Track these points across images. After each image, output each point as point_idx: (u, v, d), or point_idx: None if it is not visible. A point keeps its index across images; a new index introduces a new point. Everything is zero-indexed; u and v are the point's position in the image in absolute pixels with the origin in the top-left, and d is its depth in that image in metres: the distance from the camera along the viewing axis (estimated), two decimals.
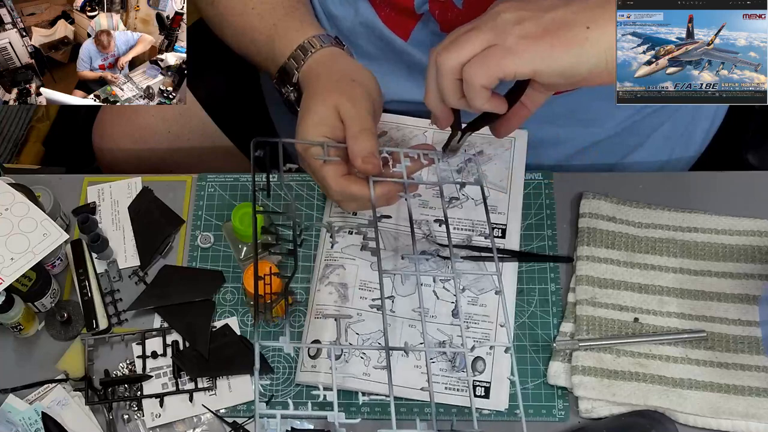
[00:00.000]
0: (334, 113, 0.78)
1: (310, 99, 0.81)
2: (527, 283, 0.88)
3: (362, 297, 0.86)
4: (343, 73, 0.82)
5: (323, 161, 0.78)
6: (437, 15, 0.86)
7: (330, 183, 0.78)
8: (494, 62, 0.67)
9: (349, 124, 0.78)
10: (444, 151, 0.82)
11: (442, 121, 0.77)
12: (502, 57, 0.67)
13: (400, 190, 0.80)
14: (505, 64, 0.67)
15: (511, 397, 0.83)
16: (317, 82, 0.82)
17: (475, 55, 0.68)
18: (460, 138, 0.79)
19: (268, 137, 0.77)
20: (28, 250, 0.84)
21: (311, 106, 0.80)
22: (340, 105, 0.78)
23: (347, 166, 0.79)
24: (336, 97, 0.79)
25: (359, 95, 0.79)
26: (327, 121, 0.78)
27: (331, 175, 0.78)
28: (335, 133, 0.79)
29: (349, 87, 0.80)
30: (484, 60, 0.68)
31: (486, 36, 0.68)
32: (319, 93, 0.80)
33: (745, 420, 0.80)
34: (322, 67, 0.84)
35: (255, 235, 0.76)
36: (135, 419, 0.84)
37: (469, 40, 0.69)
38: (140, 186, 0.95)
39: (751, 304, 0.85)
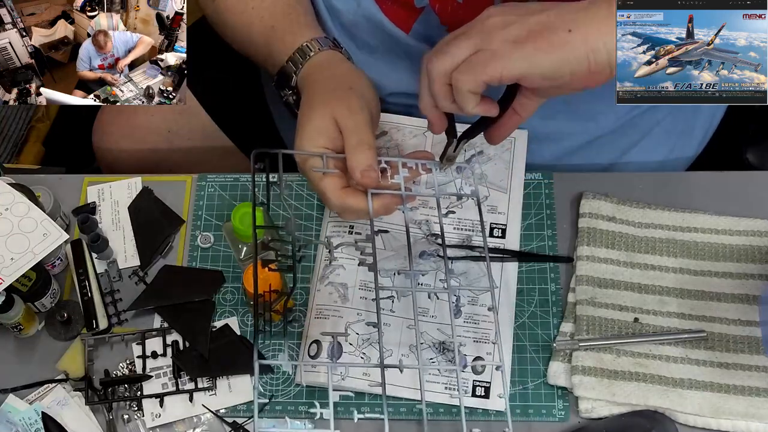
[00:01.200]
0: (332, 124, 0.79)
1: (308, 108, 0.81)
2: (527, 283, 0.88)
3: (362, 297, 0.86)
4: (341, 80, 0.82)
5: (323, 173, 0.78)
6: (437, 9, 0.86)
7: (329, 196, 0.79)
8: (480, 67, 0.68)
9: (347, 135, 0.78)
10: (441, 161, 0.82)
11: (436, 127, 0.78)
12: (488, 61, 0.68)
13: (398, 202, 0.80)
14: (491, 67, 0.68)
15: (511, 397, 0.83)
16: (315, 90, 0.82)
17: (463, 61, 0.69)
18: (456, 146, 0.80)
19: (269, 141, 0.77)
20: (28, 250, 0.84)
21: (310, 117, 0.80)
22: (338, 116, 0.78)
23: (346, 177, 0.79)
24: (334, 108, 0.79)
25: (357, 105, 0.80)
26: (325, 132, 0.79)
27: (330, 188, 0.78)
28: (334, 144, 0.79)
29: (347, 96, 0.80)
30: (470, 65, 0.69)
31: (473, 41, 0.70)
32: (317, 103, 0.80)
33: (745, 420, 0.80)
34: (319, 72, 0.84)
35: (255, 251, 0.75)
36: (135, 419, 0.84)
37: (457, 45, 0.70)
38: (140, 186, 0.95)
39: (751, 304, 0.85)
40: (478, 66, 0.68)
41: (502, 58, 0.67)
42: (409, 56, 0.92)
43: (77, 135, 1.27)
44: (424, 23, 0.89)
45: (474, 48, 0.69)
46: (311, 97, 0.81)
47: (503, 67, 0.68)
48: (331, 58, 0.85)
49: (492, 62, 0.68)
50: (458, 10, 0.85)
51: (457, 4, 0.85)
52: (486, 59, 0.68)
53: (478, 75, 0.68)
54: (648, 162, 1.00)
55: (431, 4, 0.86)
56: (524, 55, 0.67)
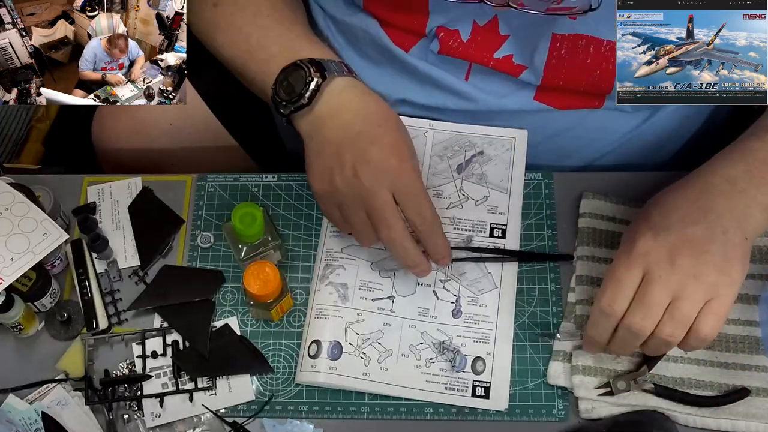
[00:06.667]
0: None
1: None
2: (527, 283, 0.88)
3: (362, 297, 0.86)
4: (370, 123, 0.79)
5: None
6: (441, 38, 0.86)
7: (410, 247, 0.79)
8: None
9: (412, 218, 0.78)
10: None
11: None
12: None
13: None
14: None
15: (511, 397, 0.83)
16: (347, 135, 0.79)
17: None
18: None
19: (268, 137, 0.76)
20: (28, 250, 0.84)
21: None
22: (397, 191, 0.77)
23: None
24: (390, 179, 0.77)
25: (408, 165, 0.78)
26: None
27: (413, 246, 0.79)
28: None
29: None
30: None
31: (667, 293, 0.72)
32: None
33: (745, 420, 0.80)
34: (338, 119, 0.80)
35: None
36: (135, 419, 0.84)
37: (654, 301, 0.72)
38: (140, 186, 0.95)
39: (751, 304, 0.85)
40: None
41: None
42: (408, 71, 0.91)
43: (77, 135, 1.27)
44: (422, 47, 0.89)
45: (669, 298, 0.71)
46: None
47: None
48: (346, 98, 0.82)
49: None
50: (459, 48, 0.86)
51: (460, 41, 0.85)
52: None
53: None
54: (648, 163, 1.00)
55: (437, 31, 0.86)
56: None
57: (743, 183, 0.73)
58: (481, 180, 0.92)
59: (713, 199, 0.73)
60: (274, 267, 0.81)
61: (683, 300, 0.71)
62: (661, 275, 0.71)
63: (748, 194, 0.73)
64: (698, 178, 0.75)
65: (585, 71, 0.83)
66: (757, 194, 0.73)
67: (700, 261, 0.71)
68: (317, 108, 0.79)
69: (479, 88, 0.89)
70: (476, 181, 0.91)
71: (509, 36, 0.84)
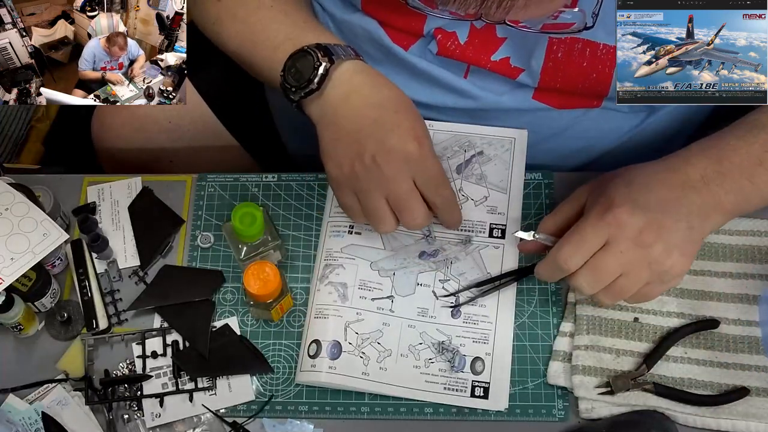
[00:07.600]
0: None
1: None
2: (527, 283, 0.88)
3: (362, 297, 0.86)
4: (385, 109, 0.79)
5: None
6: (439, 40, 0.86)
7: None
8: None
9: (433, 199, 0.80)
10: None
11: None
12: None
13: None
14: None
15: (511, 397, 0.83)
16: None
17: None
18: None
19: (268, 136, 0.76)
20: (28, 250, 0.84)
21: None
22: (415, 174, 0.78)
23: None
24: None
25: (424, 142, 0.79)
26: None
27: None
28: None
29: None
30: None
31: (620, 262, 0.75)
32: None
33: (745, 420, 0.80)
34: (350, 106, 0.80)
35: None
36: (135, 419, 0.84)
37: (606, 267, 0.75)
38: (140, 186, 0.95)
39: (751, 304, 0.85)
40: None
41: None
42: (407, 69, 0.91)
43: (77, 135, 1.27)
44: (421, 46, 0.89)
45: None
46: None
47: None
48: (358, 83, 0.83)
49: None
50: (456, 50, 0.86)
51: (458, 44, 0.85)
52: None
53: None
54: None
55: (435, 32, 0.86)
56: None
57: (715, 185, 0.75)
58: (480, 180, 0.92)
59: (688, 194, 0.75)
60: (274, 267, 0.81)
61: (629, 277, 0.75)
62: (622, 251, 0.74)
63: (716, 197, 0.75)
64: (680, 165, 0.77)
65: (581, 74, 0.84)
66: (725, 200, 0.75)
67: (660, 249, 0.74)
68: (327, 93, 0.79)
69: (478, 86, 0.89)
70: (476, 182, 0.91)
71: (506, 39, 0.84)
